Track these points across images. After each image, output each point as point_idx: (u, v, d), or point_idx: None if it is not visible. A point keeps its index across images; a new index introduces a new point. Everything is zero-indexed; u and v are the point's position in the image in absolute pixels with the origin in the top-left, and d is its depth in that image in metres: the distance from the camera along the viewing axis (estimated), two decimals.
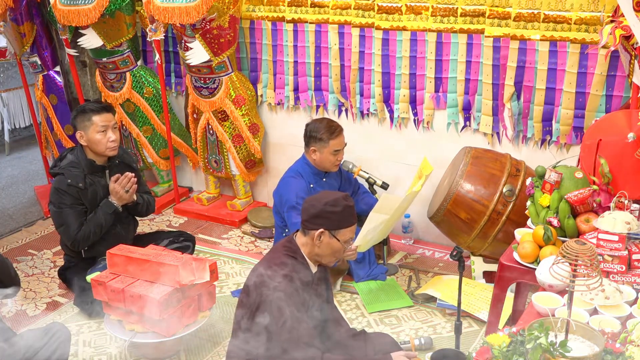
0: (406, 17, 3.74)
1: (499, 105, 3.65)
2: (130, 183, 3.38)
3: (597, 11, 3.20)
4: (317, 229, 2.42)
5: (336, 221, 2.42)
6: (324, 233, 2.42)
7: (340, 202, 2.42)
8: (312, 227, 2.43)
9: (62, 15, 4.22)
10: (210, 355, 3.12)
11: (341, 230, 2.44)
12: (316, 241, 2.43)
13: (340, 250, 2.47)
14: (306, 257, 2.49)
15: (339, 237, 2.44)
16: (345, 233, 2.45)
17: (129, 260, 2.96)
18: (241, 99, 4.25)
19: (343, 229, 2.44)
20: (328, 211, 2.41)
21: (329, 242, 2.44)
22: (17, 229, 4.55)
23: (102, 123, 3.34)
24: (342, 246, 2.46)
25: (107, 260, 3.06)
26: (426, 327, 3.29)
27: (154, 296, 2.79)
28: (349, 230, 2.46)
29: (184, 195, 4.96)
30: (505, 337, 1.86)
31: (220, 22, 3.97)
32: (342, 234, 2.45)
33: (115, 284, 2.92)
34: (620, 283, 2.18)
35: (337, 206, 2.41)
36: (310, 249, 2.48)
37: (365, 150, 4.14)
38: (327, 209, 2.41)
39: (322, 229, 2.41)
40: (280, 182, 3.70)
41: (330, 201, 2.42)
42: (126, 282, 2.92)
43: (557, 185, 2.61)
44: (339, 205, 2.42)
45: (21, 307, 3.52)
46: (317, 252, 2.47)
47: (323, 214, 2.41)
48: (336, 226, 2.42)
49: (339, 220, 2.42)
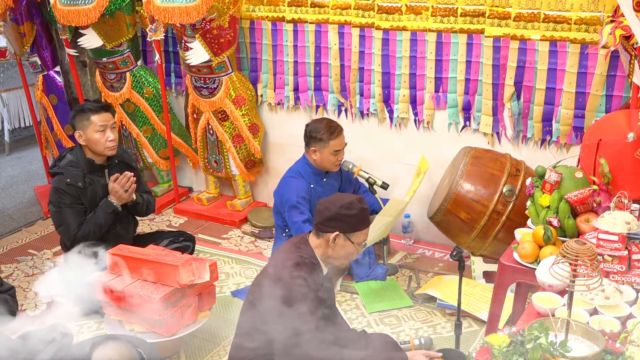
0: (406, 17, 3.74)
1: (499, 105, 3.65)
2: (129, 183, 3.38)
3: (597, 11, 3.20)
4: (332, 232, 2.41)
5: (351, 224, 2.41)
6: (339, 236, 2.41)
7: (355, 205, 2.42)
8: (326, 230, 2.42)
9: (62, 15, 4.23)
10: (210, 355, 3.12)
11: (356, 233, 2.43)
12: (331, 244, 2.43)
13: (353, 252, 2.47)
14: (319, 259, 2.49)
15: (353, 240, 2.43)
16: (360, 236, 2.45)
17: (129, 260, 2.96)
18: (241, 99, 4.25)
19: (358, 231, 2.43)
20: (343, 214, 2.40)
21: (344, 245, 2.44)
22: (17, 229, 4.55)
23: (101, 123, 3.33)
24: (355, 248, 2.46)
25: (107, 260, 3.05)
26: (426, 327, 3.29)
27: (154, 296, 2.79)
28: (363, 233, 2.46)
29: (184, 195, 4.96)
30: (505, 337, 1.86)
31: (220, 22, 3.97)
32: (357, 237, 2.44)
33: (115, 284, 2.92)
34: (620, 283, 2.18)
35: (353, 209, 2.41)
36: (324, 251, 2.47)
37: (365, 150, 4.14)
38: (343, 212, 2.40)
39: (337, 232, 2.41)
40: (281, 182, 3.70)
41: (345, 204, 2.41)
42: (126, 282, 2.92)
43: (557, 185, 2.61)
44: (354, 208, 2.41)
45: (21, 307, 3.52)
46: (330, 254, 2.47)
47: (338, 217, 2.40)
48: (351, 229, 2.42)
49: (354, 223, 2.42)
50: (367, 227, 2.48)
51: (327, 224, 2.42)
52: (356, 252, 2.49)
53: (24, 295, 3.66)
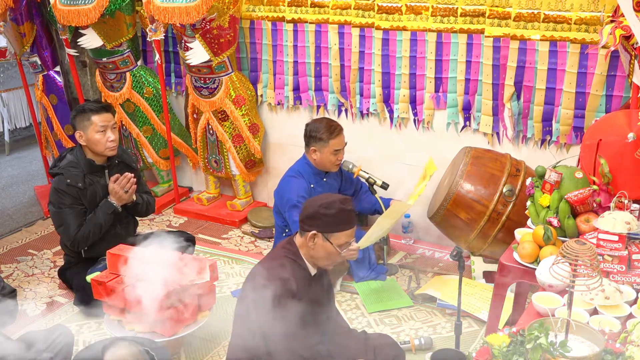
0: (406, 17, 3.74)
1: (499, 105, 3.65)
2: (129, 184, 3.38)
3: (597, 11, 3.20)
4: (310, 231, 2.38)
5: (329, 224, 2.36)
6: (316, 235, 2.37)
7: (335, 205, 2.36)
8: (306, 229, 2.39)
9: (62, 15, 4.22)
10: (210, 355, 3.12)
11: (335, 234, 2.37)
12: (309, 243, 2.39)
13: (334, 254, 2.40)
14: (304, 259, 2.45)
15: (332, 241, 2.38)
16: (340, 237, 2.38)
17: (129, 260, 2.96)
18: (241, 99, 4.25)
19: (337, 232, 2.37)
20: (322, 213, 2.35)
21: (323, 245, 2.38)
22: (17, 229, 4.55)
23: (102, 123, 3.33)
24: (336, 250, 2.39)
25: (107, 260, 3.06)
26: (426, 327, 3.29)
27: (154, 296, 2.79)
28: (345, 235, 2.39)
29: (184, 195, 4.96)
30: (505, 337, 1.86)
31: (220, 22, 3.97)
32: (336, 238, 2.38)
33: (115, 284, 2.92)
34: (620, 283, 2.18)
35: (331, 209, 2.35)
36: (306, 251, 2.43)
37: (365, 150, 4.14)
38: (321, 211, 2.35)
39: (315, 231, 2.37)
40: (281, 181, 3.70)
41: (325, 203, 2.36)
42: (126, 282, 2.92)
43: (557, 185, 2.61)
44: (333, 208, 2.35)
45: (21, 307, 3.52)
46: (312, 254, 2.43)
47: (317, 215, 2.36)
48: (329, 229, 2.36)
49: (332, 223, 2.36)
50: (349, 229, 2.40)
51: (307, 223, 2.39)
52: (339, 255, 2.41)
53: (24, 295, 3.65)
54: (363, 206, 3.91)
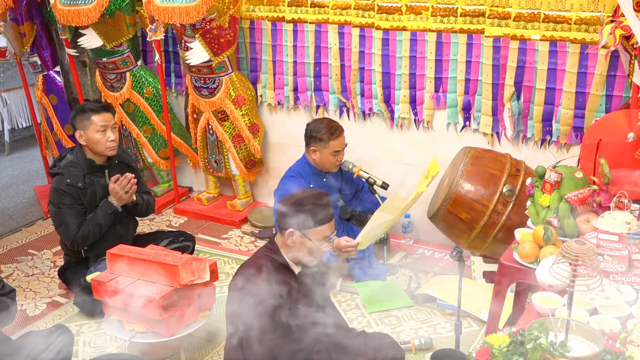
0: (406, 17, 3.74)
1: (498, 105, 3.65)
2: (130, 184, 3.38)
3: (597, 11, 3.20)
4: (287, 229, 2.36)
5: (304, 220, 2.33)
6: (293, 233, 2.35)
7: (308, 200, 2.34)
8: (283, 227, 2.38)
9: (62, 15, 4.23)
10: (210, 355, 3.12)
11: (311, 229, 2.34)
12: (288, 241, 2.37)
13: (315, 249, 2.38)
14: (286, 258, 2.43)
15: (311, 237, 2.35)
16: (317, 232, 2.35)
17: (129, 260, 2.96)
18: (241, 99, 4.25)
19: (313, 228, 2.34)
20: (296, 210, 2.33)
21: (302, 242, 2.36)
22: (17, 229, 4.55)
23: (102, 123, 3.33)
24: (317, 246, 2.37)
25: (107, 260, 3.06)
26: (426, 327, 3.29)
27: (154, 296, 2.79)
28: (322, 229, 2.36)
29: (184, 195, 4.96)
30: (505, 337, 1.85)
31: (220, 22, 3.97)
32: (314, 233, 2.35)
33: (115, 284, 2.92)
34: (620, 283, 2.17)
35: (305, 205, 2.33)
36: (287, 250, 2.41)
37: (365, 150, 4.14)
38: (295, 209, 2.33)
39: (292, 229, 2.35)
40: (281, 181, 3.70)
41: (298, 200, 2.35)
42: (126, 282, 2.92)
43: (557, 185, 2.60)
44: (306, 204, 2.33)
45: (21, 307, 3.52)
46: (292, 253, 2.41)
47: (290, 213, 2.33)
48: (305, 225, 2.33)
49: (307, 219, 2.33)
50: (326, 224, 2.37)
51: (282, 221, 2.38)
52: (322, 250, 2.40)
53: (24, 295, 3.65)
54: (364, 206, 3.91)
